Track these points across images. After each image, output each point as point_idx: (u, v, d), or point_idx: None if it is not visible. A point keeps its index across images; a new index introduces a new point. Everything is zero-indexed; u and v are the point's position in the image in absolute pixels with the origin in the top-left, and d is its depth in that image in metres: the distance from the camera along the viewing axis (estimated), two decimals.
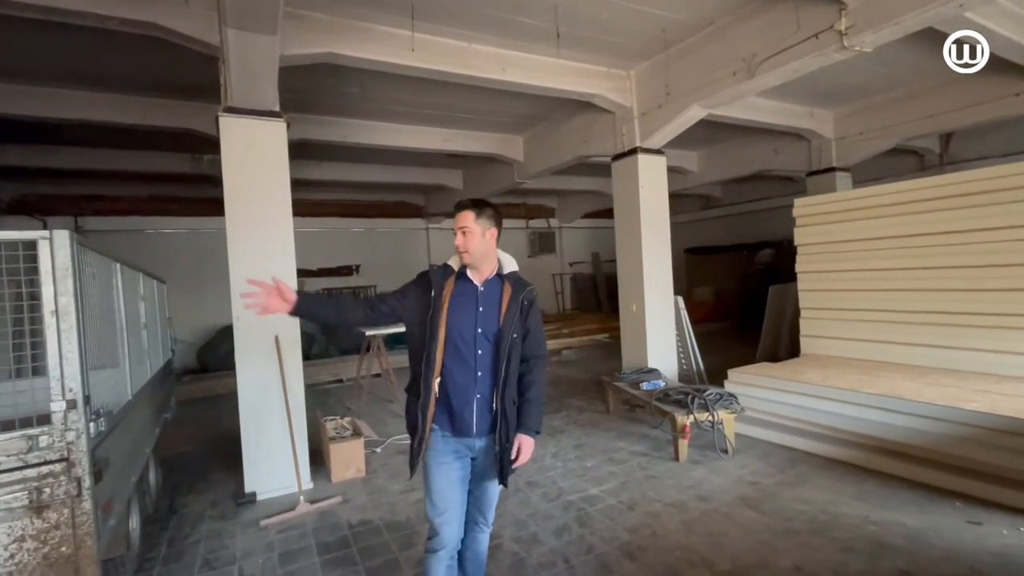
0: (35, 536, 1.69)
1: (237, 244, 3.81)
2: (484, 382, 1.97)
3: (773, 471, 3.82)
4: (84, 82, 5.10)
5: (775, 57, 4.21)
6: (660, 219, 5.90)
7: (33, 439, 1.70)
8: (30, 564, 1.69)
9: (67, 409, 1.75)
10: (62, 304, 1.74)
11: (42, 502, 1.70)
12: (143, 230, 9.30)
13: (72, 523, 1.73)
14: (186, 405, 6.72)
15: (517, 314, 1.99)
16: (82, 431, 1.78)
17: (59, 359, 1.74)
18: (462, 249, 1.95)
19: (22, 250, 1.86)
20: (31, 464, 1.70)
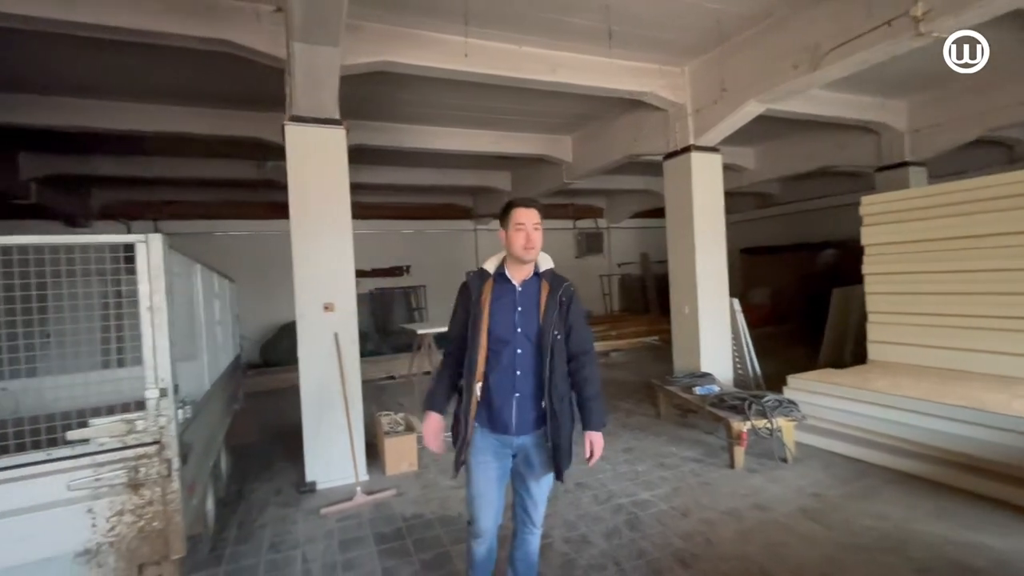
0: (132, 511, 1.87)
1: (301, 245, 4.02)
2: (524, 381, 1.99)
3: (838, 483, 3.62)
4: (165, 97, 5.53)
5: (841, 47, 4.00)
6: (715, 219, 5.73)
7: (131, 423, 1.88)
8: (127, 536, 1.87)
9: (159, 397, 1.92)
10: (156, 301, 1.92)
11: (138, 480, 1.88)
12: (212, 232, 9.96)
13: (163, 500, 1.90)
14: (249, 398, 7.12)
15: (556, 311, 2.00)
16: (172, 417, 1.95)
17: (153, 351, 1.91)
18: (530, 246, 1.97)
19: (109, 252, 2.06)
20: (129, 446, 1.88)
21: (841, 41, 4.00)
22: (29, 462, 1.77)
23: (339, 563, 2.96)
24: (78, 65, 4.60)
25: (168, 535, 1.91)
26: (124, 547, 1.87)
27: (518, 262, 2.04)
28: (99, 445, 1.86)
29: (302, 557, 3.05)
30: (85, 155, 7.12)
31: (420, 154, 7.51)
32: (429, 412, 2.10)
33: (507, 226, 2.01)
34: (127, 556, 1.87)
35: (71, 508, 1.80)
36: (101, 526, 1.84)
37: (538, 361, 1.98)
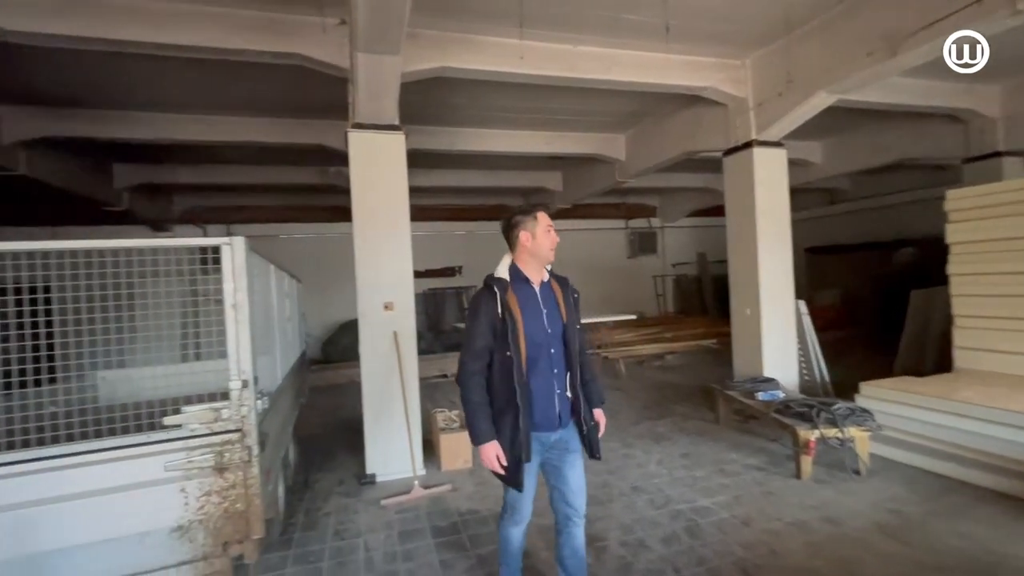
0: (219, 492, 2.03)
1: (363, 247, 4.19)
2: (561, 377, 2.11)
3: (919, 499, 3.37)
4: (237, 108, 5.92)
5: (923, 31, 3.72)
6: (779, 217, 5.46)
7: (217, 411, 2.05)
8: (214, 515, 2.03)
9: (242, 388, 2.07)
10: (239, 299, 2.07)
11: (223, 464, 2.04)
12: (278, 235, 10.56)
13: (244, 484, 2.05)
14: (312, 392, 7.51)
15: (572, 308, 2.17)
16: (252, 407, 2.10)
17: (236, 345, 2.06)
18: (554, 247, 2.14)
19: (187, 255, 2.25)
20: (216, 432, 2.05)
21: (923, 24, 3.71)
22: (132, 443, 1.96)
23: (399, 553, 3.07)
24: (163, 83, 5.02)
25: (249, 516, 2.06)
26: (212, 525, 2.03)
27: (540, 263, 2.15)
28: (190, 430, 2.03)
29: (364, 545, 3.19)
30: (168, 164, 7.76)
31: (472, 156, 7.64)
32: (485, 445, 2.02)
33: (535, 228, 2.11)
34: (214, 533, 2.03)
35: (167, 487, 1.98)
36: (192, 505, 2.01)
37: (567, 356, 2.13)
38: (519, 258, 2.14)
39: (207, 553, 2.02)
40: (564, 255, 10.90)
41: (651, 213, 13.01)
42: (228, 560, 2.06)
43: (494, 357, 2.04)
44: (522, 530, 2.29)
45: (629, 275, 12.68)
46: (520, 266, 2.13)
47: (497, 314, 2.01)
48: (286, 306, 3.94)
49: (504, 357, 2.00)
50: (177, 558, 1.99)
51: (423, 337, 9.97)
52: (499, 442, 2.03)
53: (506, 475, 2.04)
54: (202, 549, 2.01)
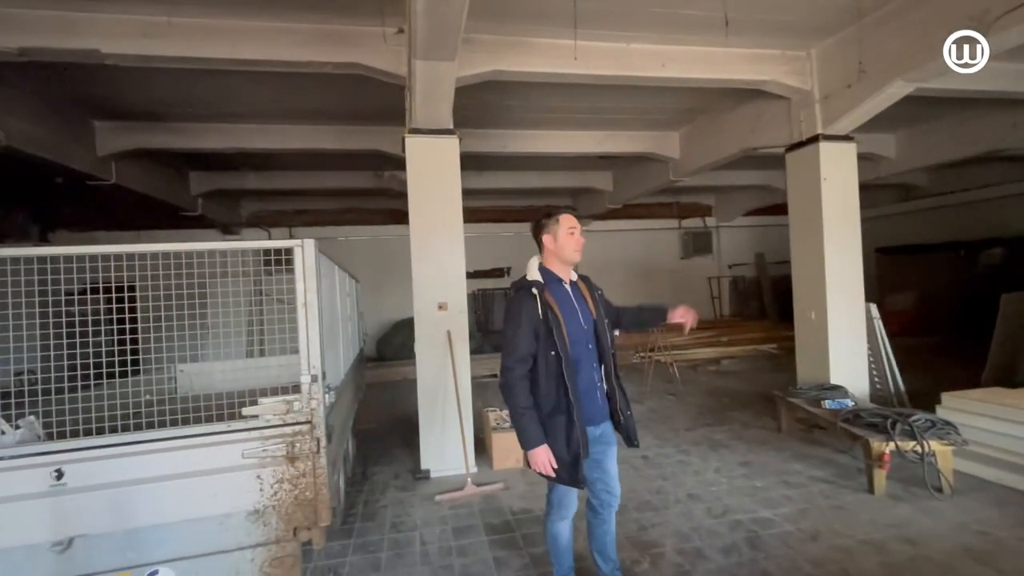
0: (290, 480, 2.15)
1: (419, 248, 4.32)
2: (599, 371, 2.21)
3: (1011, 522, 3.08)
4: (299, 117, 6.23)
5: (1020, 10, 3.40)
6: (848, 214, 5.15)
7: (290, 403, 2.17)
8: (286, 501, 2.16)
9: (311, 382, 2.18)
10: (309, 298, 2.18)
11: (294, 454, 2.15)
12: (336, 237, 11.01)
13: (314, 473, 2.16)
14: (368, 389, 7.78)
15: (600, 303, 2.26)
16: (320, 400, 2.21)
17: (307, 341, 2.18)
18: (581, 247, 2.20)
19: (253, 256, 2.40)
20: (288, 423, 2.17)
21: (1019, 2, 3.39)
22: (214, 431, 2.11)
23: (453, 548, 3.13)
24: (233, 95, 5.37)
25: (317, 504, 2.17)
26: (284, 511, 2.15)
27: (566, 264, 2.21)
28: (265, 421, 2.16)
29: (420, 539, 3.27)
30: (237, 171, 8.27)
31: (522, 158, 7.67)
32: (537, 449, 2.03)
33: (557, 231, 2.18)
34: (286, 519, 2.15)
35: (244, 473, 2.12)
36: (266, 491, 2.14)
37: (601, 350, 2.21)
38: (547, 260, 2.24)
39: (279, 537, 2.14)
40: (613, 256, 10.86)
41: (706, 212, 12.58)
42: (298, 544, 2.18)
43: (538, 359, 2.07)
44: (569, 524, 2.35)
45: (682, 277, 12.32)
46: (549, 267, 2.22)
47: (539, 315, 2.05)
48: (347, 305, 4.12)
49: (550, 357, 2.05)
50: (253, 540, 2.12)
51: (473, 337, 10.08)
52: (553, 443, 2.05)
53: (564, 475, 2.06)
54: (275, 533, 2.14)
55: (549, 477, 2.09)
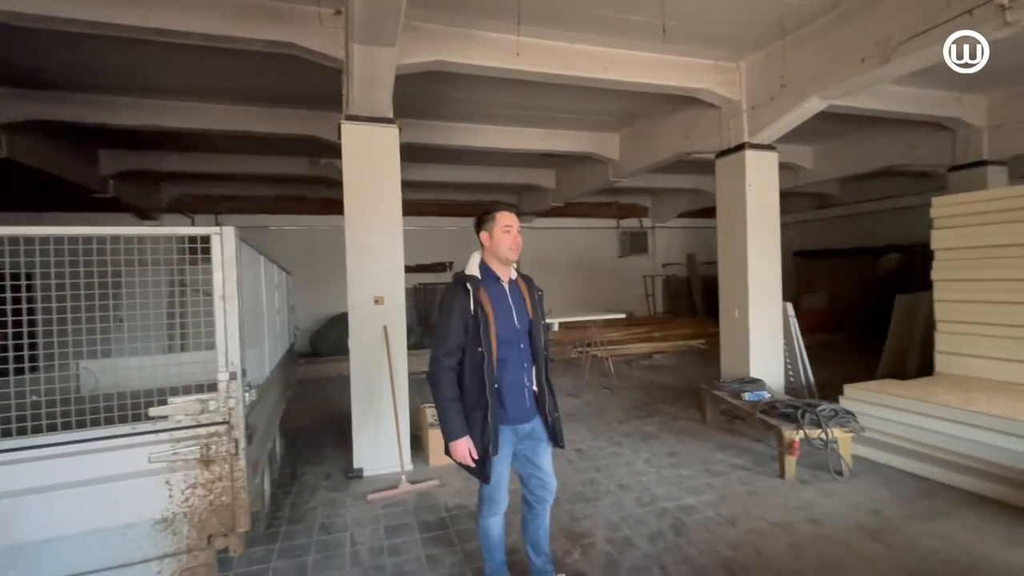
0: (204, 484, 2.01)
1: (354, 240, 4.16)
2: (529, 371, 2.22)
3: (900, 501, 3.43)
4: (229, 97, 5.83)
5: (916, 39, 3.76)
6: (769, 219, 5.51)
7: (204, 403, 2.02)
8: (199, 507, 2.01)
9: (229, 380, 2.05)
10: (228, 290, 2.04)
11: (210, 457, 2.01)
12: (267, 227, 10.44)
13: (231, 477, 2.03)
14: (300, 385, 7.45)
15: (537, 305, 2.27)
16: (240, 399, 2.08)
17: (224, 337, 2.03)
18: (516, 248, 2.17)
19: (175, 244, 2.20)
20: (203, 424, 2.02)
21: (916, 32, 3.76)
22: (117, 434, 1.93)
23: (385, 547, 3.06)
24: (154, 68, 4.92)
25: (235, 509, 2.04)
26: (196, 518, 2.00)
27: (503, 263, 2.21)
28: (176, 422, 2.00)
29: (350, 539, 3.17)
30: (156, 152, 7.62)
31: (466, 152, 7.60)
32: (457, 441, 2.07)
33: (492, 228, 2.16)
34: (199, 526, 2.00)
35: (151, 479, 1.95)
36: (177, 497, 1.98)
37: (534, 351, 2.24)
38: (486, 256, 2.23)
39: (191, 546, 1.99)
40: (555, 253, 11.01)
41: (643, 213, 13.07)
42: (212, 553, 2.04)
43: (465, 353, 2.10)
44: (500, 520, 2.37)
45: (620, 274, 12.73)
46: (488, 264, 2.22)
47: (469, 311, 2.06)
48: (275, 298, 3.90)
49: (476, 353, 2.07)
50: (160, 550, 1.96)
51: (412, 332, 9.95)
52: (472, 433, 2.09)
53: (475, 468, 2.12)
54: (186, 542, 1.98)
55: (465, 467, 2.15)
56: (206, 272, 2.09)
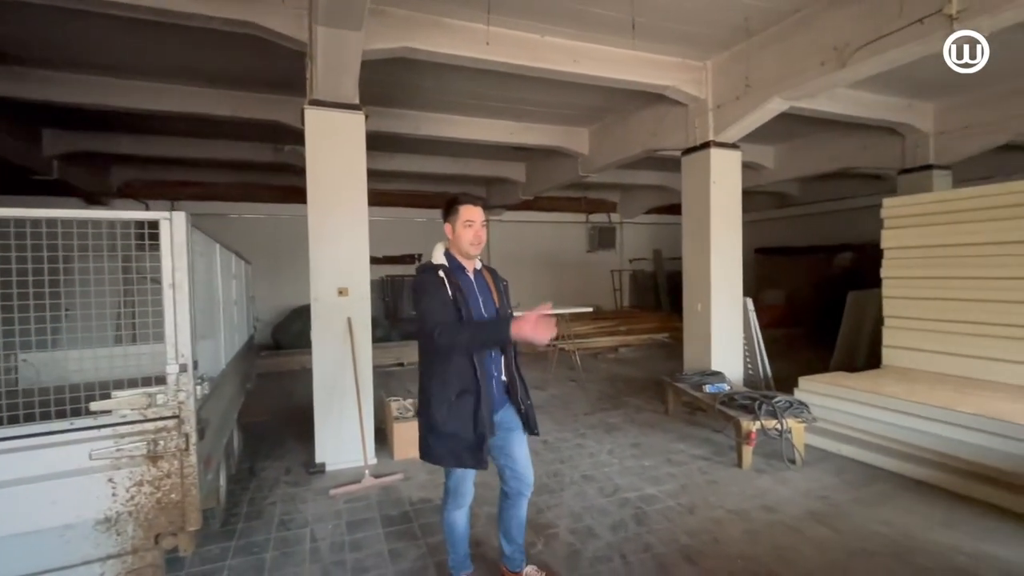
0: (151, 482, 1.91)
1: (317, 229, 4.05)
2: (498, 361, 2.22)
3: (847, 487, 3.60)
4: (185, 77, 5.55)
5: (871, 45, 3.91)
6: (732, 217, 5.66)
7: (152, 397, 1.92)
8: (146, 506, 1.91)
9: (179, 372, 1.95)
10: (178, 279, 1.94)
11: (157, 453, 1.92)
12: (228, 215, 10.06)
13: (181, 473, 1.94)
14: (261, 379, 7.24)
15: (504, 295, 2.28)
16: (190, 393, 1.98)
17: (174, 327, 1.94)
18: (478, 243, 2.15)
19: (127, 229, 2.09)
20: (150, 419, 1.92)
21: (871, 39, 3.91)
22: (54, 430, 1.81)
23: (347, 543, 3.01)
24: (104, 44, 4.63)
25: (184, 507, 1.95)
26: (142, 517, 1.91)
27: (466, 257, 2.20)
28: (120, 417, 1.89)
29: (311, 535, 3.11)
30: (106, 133, 7.20)
31: (435, 142, 7.49)
32: (513, 326, 1.92)
33: (455, 221, 2.14)
34: (145, 525, 1.91)
35: (92, 477, 1.84)
36: (121, 495, 1.88)
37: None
38: (451, 246, 2.22)
39: (137, 546, 1.89)
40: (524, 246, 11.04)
41: (611, 209, 13.22)
42: (160, 553, 1.95)
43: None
44: (465, 513, 2.37)
45: (588, 269, 12.86)
46: (454, 253, 2.21)
47: (448, 296, 2.04)
48: (233, 288, 3.76)
49: None
50: (103, 552, 1.86)
51: (379, 325, 9.80)
52: (459, 423, 2.07)
53: (468, 457, 2.09)
54: (131, 542, 1.89)
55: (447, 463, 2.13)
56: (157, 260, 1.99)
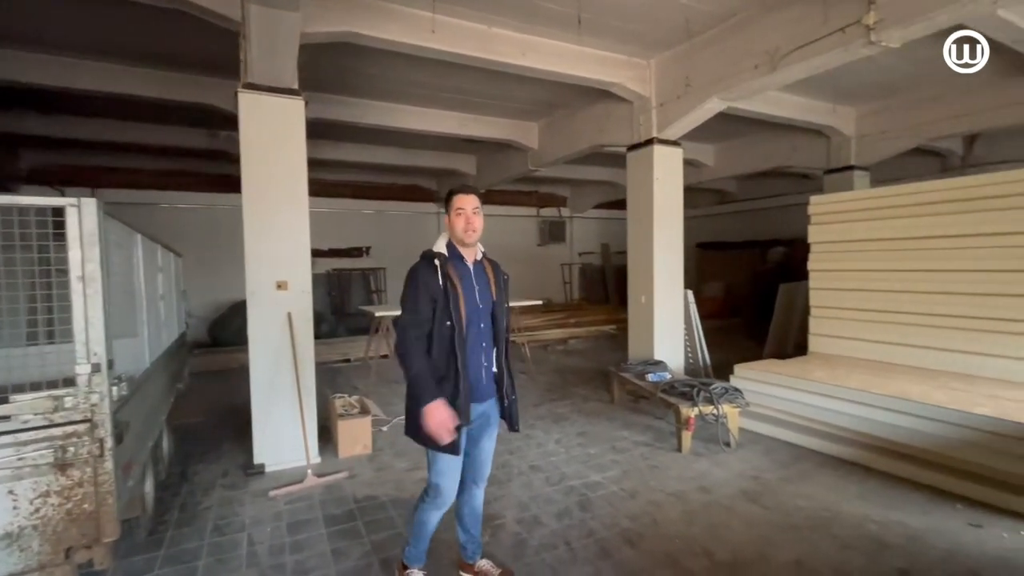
0: (59, 492, 1.75)
1: (253, 219, 3.85)
2: (489, 352, 2.24)
3: (776, 467, 3.84)
4: (106, 54, 5.12)
5: (799, 51, 4.15)
6: (674, 212, 5.87)
7: (59, 400, 1.76)
8: (54, 519, 1.76)
9: (92, 372, 1.80)
10: (88, 271, 1.79)
11: (66, 460, 1.76)
12: (158, 204, 9.39)
13: (94, 482, 1.79)
14: (197, 378, 6.85)
15: (502, 288, 2.31)
16: (105, 394, 1.83)
17: (85, 324, 1.78)
18: (471, 230, 2.15)
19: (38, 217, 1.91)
20: (57, 424, 1.76)
21: (798, 45, 4.14)
22: None
23: (287, 545, 2.91)
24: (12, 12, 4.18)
25: (100, 517, 1.81)
26: (50, 530, 1.75)
27: (462, 245, 2.21)
28: (22, 423, 1.72)
29: (248, 539, 2.98)
30: (11, 111, 6.52)
31: (384, 132, 7.31)
32: (434, 403, 1.99)
33: (449, 211, 2.20)
34: (53, 540, 1.75)
35: None
36: (24, 508, 1.71)
37: (495, 332, 2.25)
38: (451, 237, 2.23)
39: (44, 562, 1.74)
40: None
41: (562, 203, 13.38)
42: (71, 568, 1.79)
43: (434, 328, 2.09)
44: (440, 516, 2.32)
45: (538, 262, 12.98)
46: (454, 244, 2.23)
47: (438, 285, 2.07)
48: (159, 282, 3.52)
49: (444, 327, 2.08)
50: (4, 570, 1.70)
51: (325, 320, 9.48)
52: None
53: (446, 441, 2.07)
54: (38, 558, 1.73)
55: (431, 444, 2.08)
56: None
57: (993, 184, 4.25)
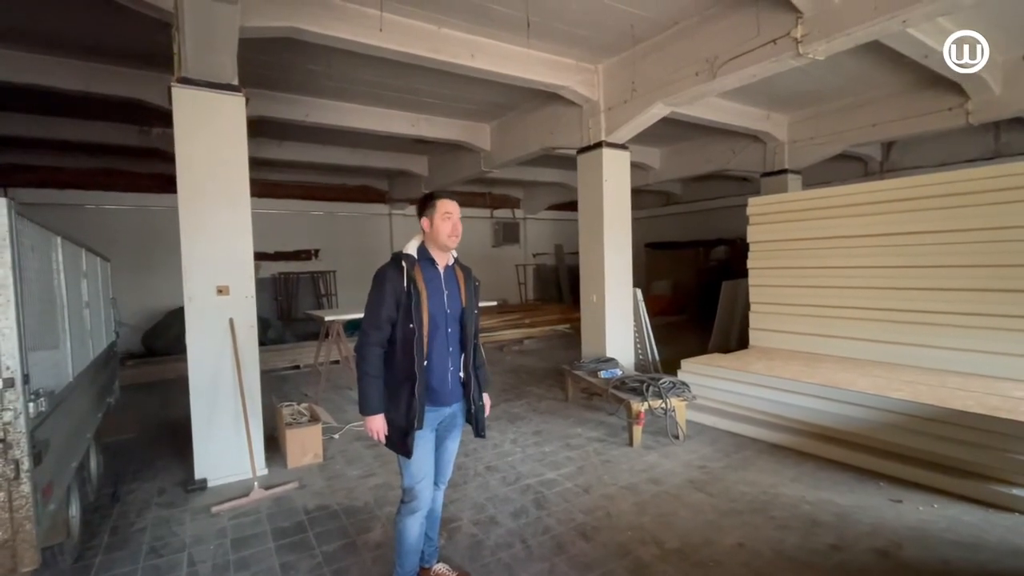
0: None
1: (190, 221, 3.65)
2: (455, 356, 2.24)
3: (720, 456, 4.02)
4: (22, 42, 4.72)
5: (735, 60, 4.37)
6: (622, 213, 6.04)
7: None
8: None
9: (4, 388, 1.65)
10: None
11: None
12: (84, 205, 8.72)
13: (9, 507, 1.64)
14: (131, 391, 6.43)
15: (472, 294, 2.31)
16: (20, 411, 1.68)
17: None
18: (455, 235, 2.19)
19: None
20: None
21: (735, 54, 4.36)
22: None
23: (232, 562, 2.77)
24: None
25: (16, 546, 1.66)
26: None
27: (441, 249, 2.22)
28: None
29: (188, 559, 2.82)
30: None
31: (332, 131, 7.12)
32: (373, 416, 2.11)
33: (432, 215, 2.19)
34: None
35: None
36: None
37: (463, 337, 2.26)
38: (426, 240, 2.23)
39: None
40: None
41: (515, 204, 13.47)
42: None
43: (396, 330, 2.10)
44: (419, 521, 2.26)
45: (493, 264, 13.01)
46: (428, 248, 2.23)
47: (403, 287, 2.08)
48: (83, 289, 3.27)
49: (407, 330, 2.08)
50: None
51: (272, 326, 9.11)
52: (395, 410, 2.10)
53: (397, 441, 2.12)
54: None
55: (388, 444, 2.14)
56: None
57: (906, 188, 4.64)
